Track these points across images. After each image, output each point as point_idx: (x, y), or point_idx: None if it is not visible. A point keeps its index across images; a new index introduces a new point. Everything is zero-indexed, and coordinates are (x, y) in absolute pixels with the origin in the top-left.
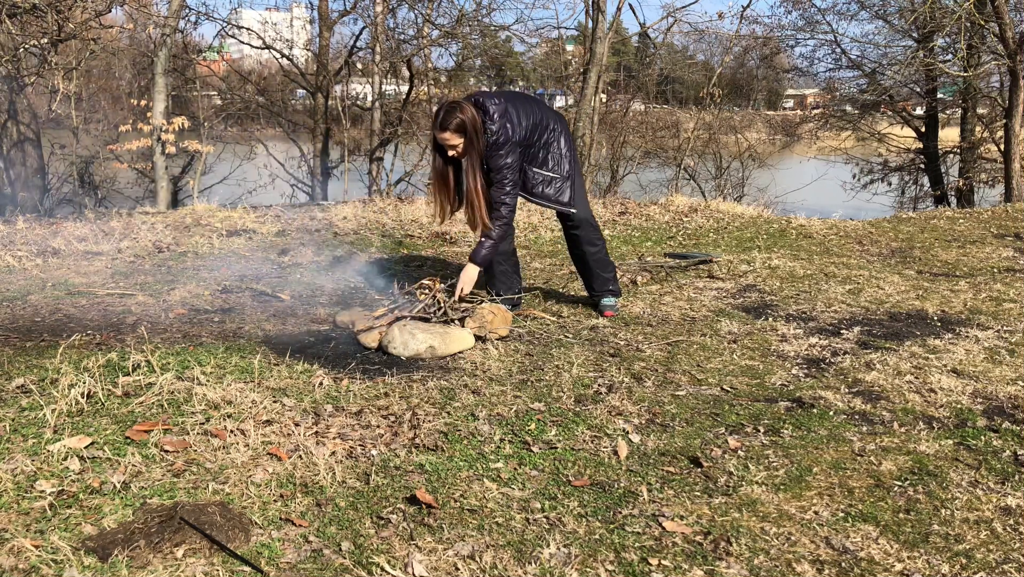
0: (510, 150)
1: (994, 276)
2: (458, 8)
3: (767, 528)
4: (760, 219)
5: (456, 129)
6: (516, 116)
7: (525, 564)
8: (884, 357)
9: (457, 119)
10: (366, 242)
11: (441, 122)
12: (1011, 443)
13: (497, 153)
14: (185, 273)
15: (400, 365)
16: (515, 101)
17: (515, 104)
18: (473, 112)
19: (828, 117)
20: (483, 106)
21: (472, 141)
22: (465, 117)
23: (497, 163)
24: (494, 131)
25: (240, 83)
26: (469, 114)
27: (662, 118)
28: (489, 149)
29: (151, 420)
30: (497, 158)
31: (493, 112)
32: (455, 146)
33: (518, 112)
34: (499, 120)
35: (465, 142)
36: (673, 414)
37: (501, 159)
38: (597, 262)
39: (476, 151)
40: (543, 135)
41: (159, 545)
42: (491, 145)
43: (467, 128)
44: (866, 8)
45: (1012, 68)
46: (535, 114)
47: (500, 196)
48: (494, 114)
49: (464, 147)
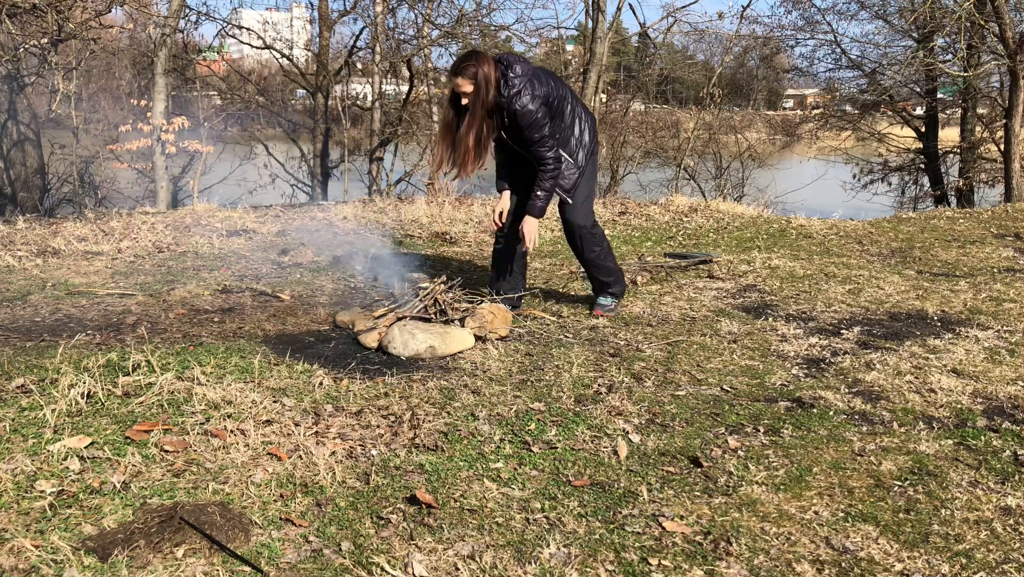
0: (539, 107)
1: (994, 276)
2: (458, 8)
3: (767, 528)
4: (760, 219)
5: (469, 76)
6: (540, 79)
7: (525, 564)
8: (884, 357)
9: (472, 68)
10: (366, 242)
11: (455, 67)
12: (1011, 443)
13: (525, 109)
14: (185, 273)
15: (400, 365)
16: (546, 73)
17: (545, 75)
18: (490, 67)
19: (828, 117)
20: (508, 63)
21: (479, 92)
22: (479, 68)
23: (526, 119)
24: (516, 83)
25: (240, 83)
26: (485, 67)
27: (662, 118)
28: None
29: (151, 420)
30: (525, 115)
31: (516, 68)
32: (467, 93)
33: (544, 81)
34: (522, 76)
35: (474, 92)
36: (673, 414)
37: (529, 114)
38: (596, 267)
39: (481, 102)
40: (565, 114)
41: (159, 545)
42: (512, 97)
43: (478, 78)
44: (866, 8)
45: (1012, 68)
46: (562, 92)
47: (540, 151)
48: (517, 69)
49: (471, 97)
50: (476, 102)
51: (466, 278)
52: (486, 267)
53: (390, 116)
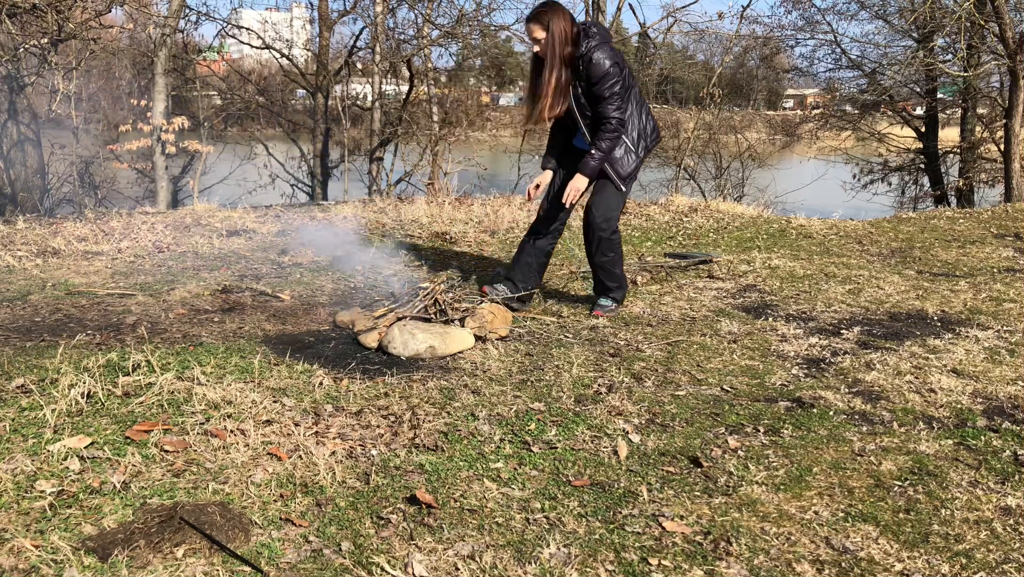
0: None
1: (994, 276)
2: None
3: (767, 528)
4: (760, 219)
5: (542, 24)
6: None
7: (525, 564)
8: (884, 357)
9: (546, 16)
10: (366, 242)
11: (531, 13)
12: (1011, 443)
13: (600, 61)
14: (185, 273)
15: (400, 365)
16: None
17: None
18: (565, 21)
19: (828, 117)
20: (587, 25)
21: (553, 43)
22: (553, 17)
23: (598, 71)
24: (595, 41)
25: (240, 83)
26: (559, 19)
27: (662, 118)
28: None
29: (151, 420)
30: (598, 66)
31: (595, 29)
32: (537, 40)
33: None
34: (600, 36)
35: (545, 40)
36: (673, 414)
37: (602, 66)
38: (605, 272)
39: (558, 51)
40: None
41: (159, 545)
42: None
43: (550, 27)
44: (866, 8)
45: (1012, 68)
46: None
47: (606, 109)
48: (595, 31)
49: (543, 46)
50: (551, 50)
51: (466, 278)
52: (486, 267)
53: (390, 116)
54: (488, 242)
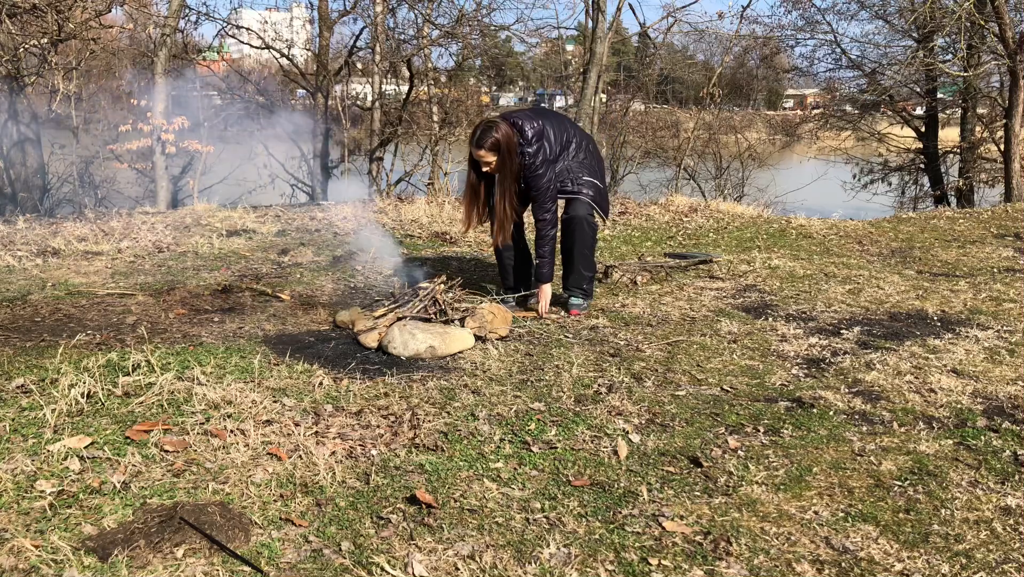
0: (547, 170)
1: (994, 276)
2: (458, 8)
3: (767, 528)
4: (760, 219)
5: (491, 148)
6: (552, 136)
7: (525, 564)
8: (884, 357)
9: (493, 138)
10: (366, 242)
11: (477, 140)
12: (1011, 443)
13: (535, 174)
14: (185, 273)
15: (400, 365)
16: (549, 121)
17: (549, 124)
18: (508, 132)
19: (828, 117)
20: (520, 128)
21: (505, 160)
22: (500, 137)
23: (536, 184)
24: (531, 153)
25: (240, 83)
26: (504, 133)
27: (662, 118)
28: (526, 171)
29: (151, 420)
30: (535, 179)
31: (530, 135)
32: (489, 163)
33: (553, 132)
34: (535, 143)
35: (498, 160)
36: (673, 414)
37: (539, 179)
38: (583, 258)
39: (509, 170)
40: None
41: (159, 545)
42: (527, 167)
43: (501, 147)
44: (866, 8)
45: (1012, 68)
46: (567, 132)
47: (541, 214)
48: (531, 137)
49: (497, 164)
50: (504, 169)
51: (466, 278)
52: (486, 267)
53: (390, 116)
54: (488, 242)
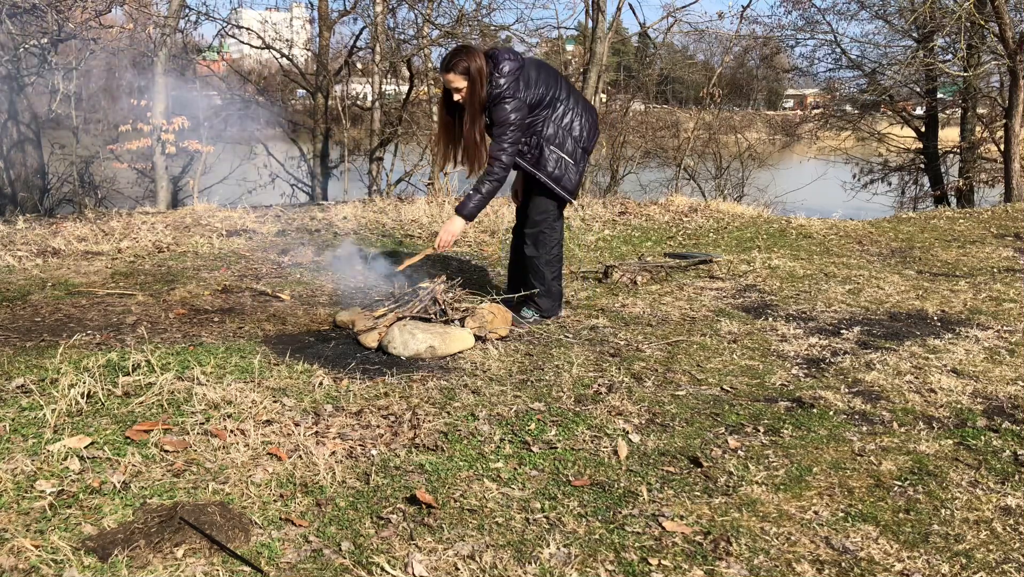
0: (516, 107)
1: (994, 276)
2: (458, 8)
3: (767, 528)
4: (760, 219)
5: (461, 72)
6: (532, 78)
7: (525, 564)
8: (884, 357)
9: (463, 63)
10: (366, 242)
11: (446, 63)
12: (1011, 443)
13: (501, 106)
14: (185, 273)
15: (400, 365)
16: (537, 66)
17: (536, 69)
18: (482, 61)
19: (828, 117)
20: (496, 59)
21: (474, 88)
22: (471, 63)
23: (500, 116)
24: (501, 84)
25: (240, 83)
26: (477, 62)
27: (662, 118)
28: (492, 101)
29: (151, 420)
30: (500, 111)
31: (504, 67)
32: (459, 89)
33: (536, 76)
34: (508, 76)
35: (468, 87)
36: (673, 414)
37: (504, 113)
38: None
39: (478, 99)
40: (558, 109)
41: (159, 545)
42: (495, 97)
43: (471, 72)
44: (866, 8)
45: (1012, 68)
46: (556, 87)
47: (496, 151)
48: (504, 68)
49: (467, 92)
50: (472, 97)
51: (466, 278)
52: (486, 267)
53: (390, 116)
54: (488, 242)
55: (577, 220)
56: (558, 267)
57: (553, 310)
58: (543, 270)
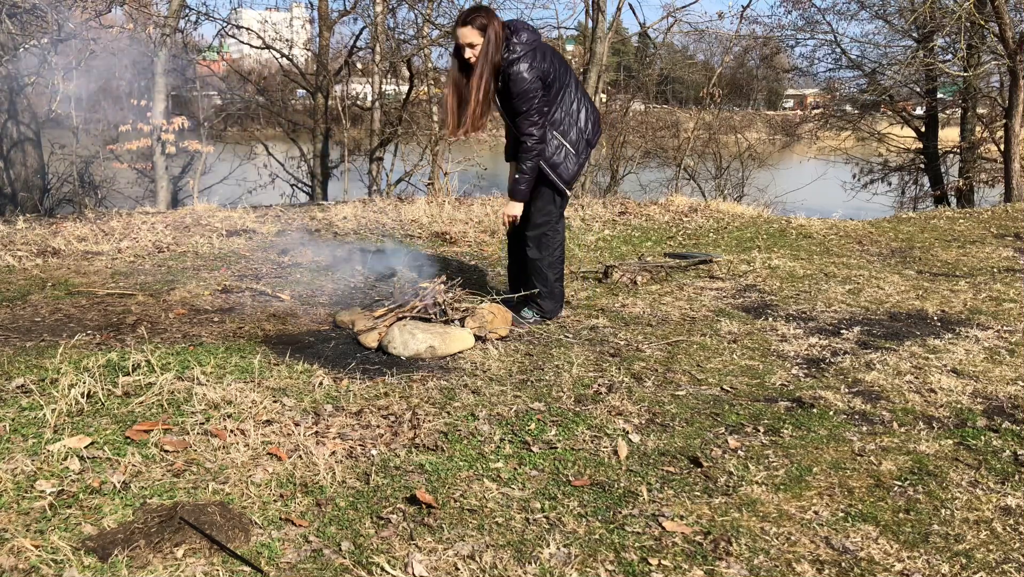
0: (533, 75)
1: (994, 276)
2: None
3: (767, 528)
4: (760, 219)
5: (478, 28)
6: (548, 55)
7: (525, 564)
8: (884, 357)
9: (481, 19)
10: (366, 242)
11: (464, 17)
12: (1011, 443)
13: (518, 73)
14: (185, 273)
15: (400, 365)
16: (552, 51)
17: (551, 52)
18: (500, 26)
19: (828, 117)
20: (515, 29)
21: (488, 48)
22: (489, 22)
23: (518, 86)
24: (518, 50)
25: (240, 83)
26: (495, 24)
27: (662, 118)
28: (508, 65)
29: (151, 420)
30: (518, 79)
31: (523, 36)
32: (473, 45)
33: (549, 60)
34: (527, 44)
35: (482, 46)
36: (673, 414)
37: (522, 81)
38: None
39: (490, 61)
40: (567, 96)
41: (159, 545)
42: (510, 62)
43: (488, 32)
44: (866, 8)
45: (1012, 68)
46: (567, 75)
47: (526, 127)
48: (523, 37)
49: (480, 51)
50: (483, 57)
51: (466, 278)
52: (486, 267)
53: (390, 116)
54: (488, 242)
55: (577, 220)
56: (560, 268)
57: (555, 311)
58: (546, 272)
